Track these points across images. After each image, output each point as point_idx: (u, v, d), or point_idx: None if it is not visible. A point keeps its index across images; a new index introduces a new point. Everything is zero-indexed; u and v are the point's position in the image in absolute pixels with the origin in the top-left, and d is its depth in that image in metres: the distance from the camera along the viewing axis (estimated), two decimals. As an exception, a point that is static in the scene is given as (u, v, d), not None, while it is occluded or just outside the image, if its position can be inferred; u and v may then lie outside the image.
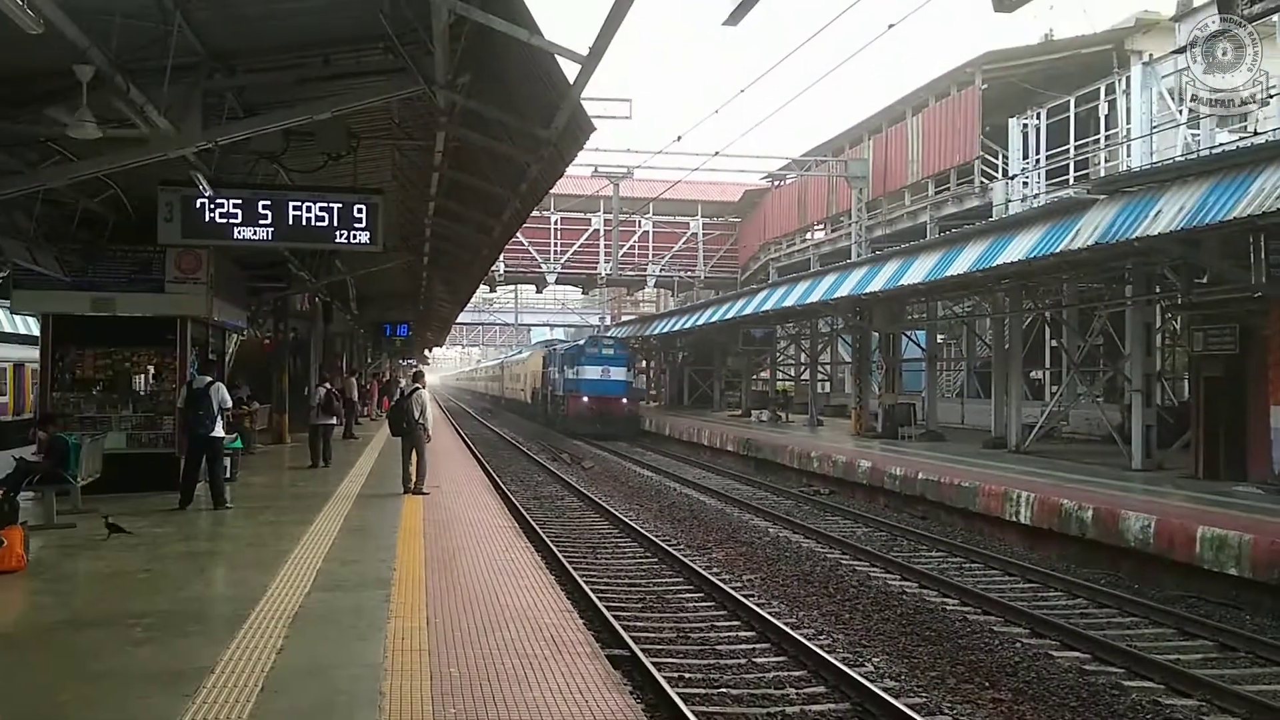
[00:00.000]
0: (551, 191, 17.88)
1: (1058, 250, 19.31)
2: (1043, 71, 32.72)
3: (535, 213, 22.27)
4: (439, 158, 14.94)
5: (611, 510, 20.73)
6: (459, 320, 60.76)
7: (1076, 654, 10.99)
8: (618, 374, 44.57)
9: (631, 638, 10.71)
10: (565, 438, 42.85)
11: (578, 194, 48.82)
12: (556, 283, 56.89)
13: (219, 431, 14.72)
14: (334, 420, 21.47)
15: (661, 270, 55.86)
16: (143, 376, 16.50)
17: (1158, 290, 22.95)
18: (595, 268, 54.41)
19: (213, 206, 13.31)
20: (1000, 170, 32.86)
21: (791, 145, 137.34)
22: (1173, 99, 27.00)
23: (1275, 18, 20.42)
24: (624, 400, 44.72)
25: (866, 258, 32.95)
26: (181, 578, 10.21)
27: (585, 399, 43.59)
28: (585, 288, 62.36)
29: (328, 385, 22.05)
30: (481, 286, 46.17)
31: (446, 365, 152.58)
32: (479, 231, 20.77)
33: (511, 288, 63.31)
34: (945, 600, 13.54)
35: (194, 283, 16.27)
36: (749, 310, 37.48)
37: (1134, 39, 30.15)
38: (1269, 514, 14.93)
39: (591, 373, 43.95)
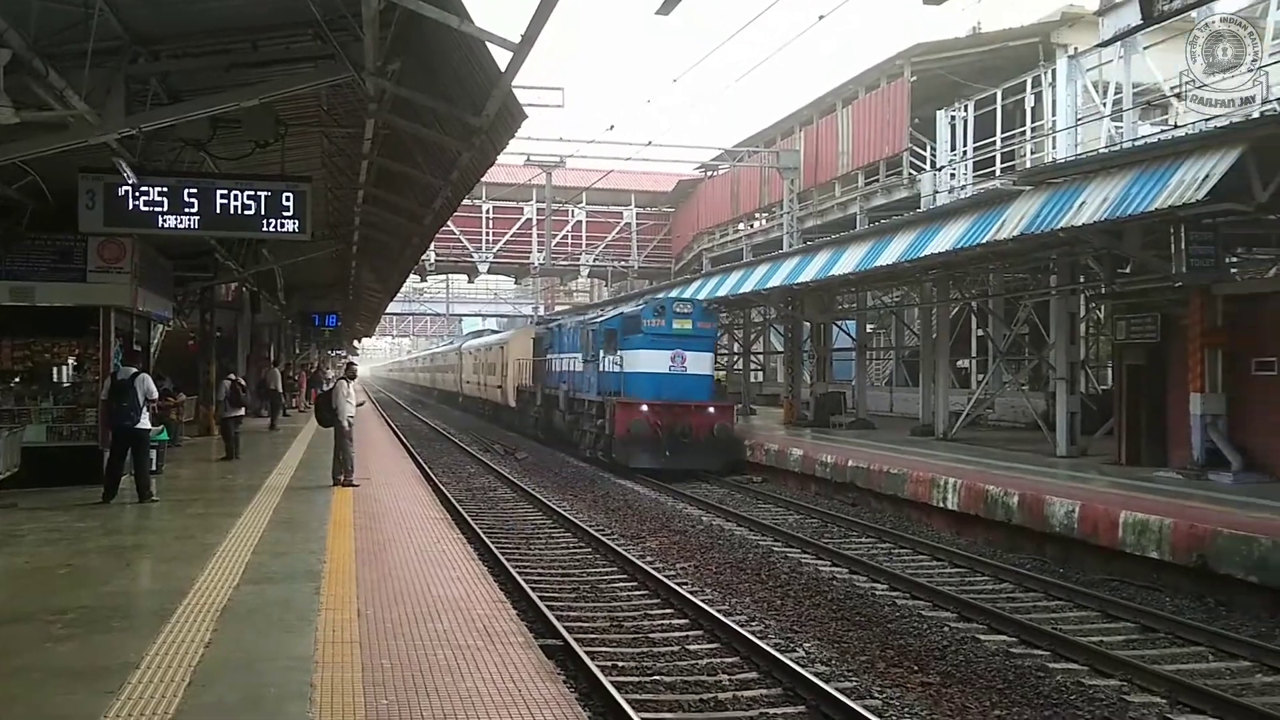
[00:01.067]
0: (483, 180, 17.76)
1: (984, 241, 19.61)
2: (971, 64, 33.13)
3: (467, 201, 22.13)
4: (368, 145, 14.78)
5: (545, 501, 20.68)
6: (389, 310, 60.17)
7: (1003, 637, 11.19)
8: (699, 363, 26.78)
9: (565, 627, 10.72)
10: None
11: (510, 183, 48.56)
12: (489, 272, 56.46)
13: (144, 423, 14.45)
14: (242, 412, 21.29)
15: (595, 260, 55.75)
16: (64, 368, 16.16)
17: (1082, 280, 23.37)
18: (528, 257, 54.17)
19: (137, 194, 13.04)
20: (929, 162, 33.24)
21: (724, 136, 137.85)
22: (1097, 91, 27.49)
23: (1193, 13, 20.82)
24: (710, 410, 26.32)
25: (798, 248, 33.18)
26: (105, 572, 10.01)
27: (644, 408, 25.47)
28: (518, 277, 62.11)
29: (232, 377, 21.90)
30: (412, 276, 45.56)
31: (377, 355, 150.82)
32: (409, 220, 20.58)
33: (443, 277, 62.76)
34: (875, 585, 13.71)
35: (117, 272, 15.96)
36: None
37: (1059, 32, 30.59)
38: (1188, 499, 15.31)
39: (653, 361, 26.21)
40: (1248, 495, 15.57)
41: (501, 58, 9.70)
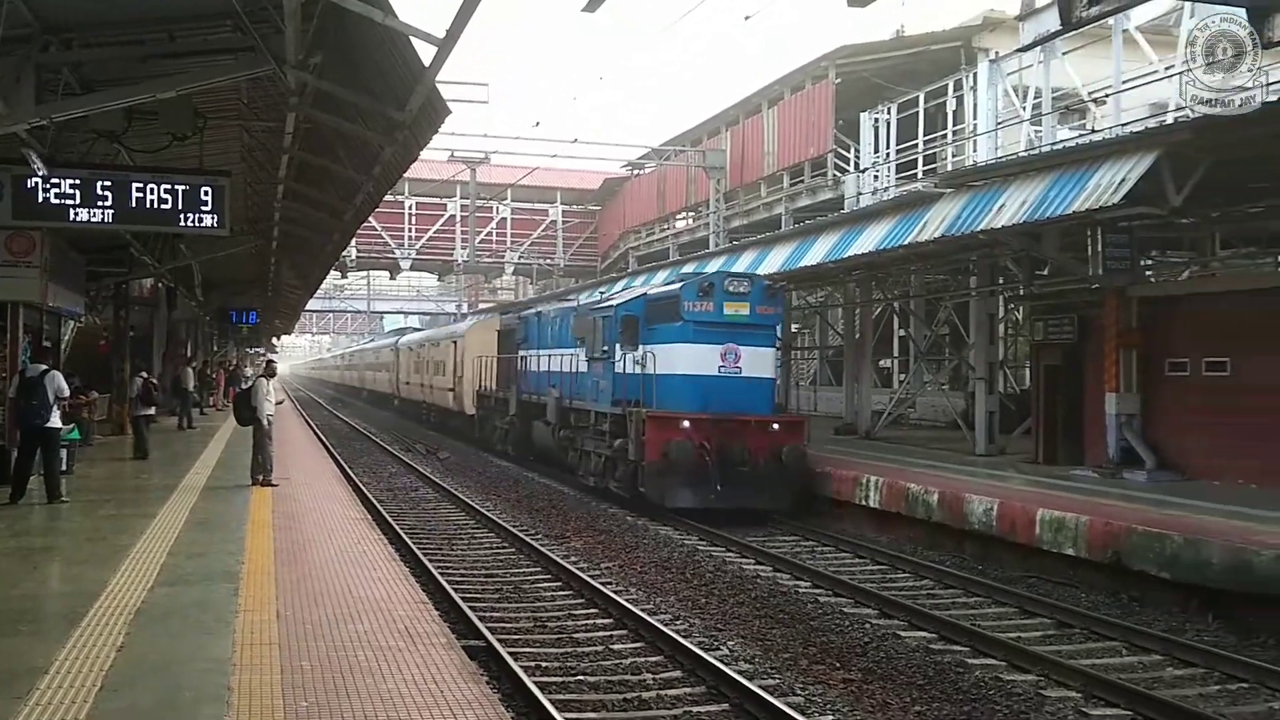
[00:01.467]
0: (406, 175, 17.62)
1: (906, 242, 19.86)
2: (894, 67, 33.45)
3: (389, 197, 21.91)
4: (289, 139, 14.55)
5: (468, 501, 20.51)
6: (309, 307, 59.33)
7: (923, 634, 11.33)
8: (757, 362, 19.96)
9: (488, 628, 10.64)
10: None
11: (434, 179, 48.09)
12: (411, 269, 55.91)
13: (55, 422, 14.06)
14: (153, 410, 20.90)
15: (520, 257, 55.50)
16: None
17: (1001, 281, 23.76)
18: (451, 254, 53.76)
19: (47, 186, 12.69)
20: (852, 164, 33.56)
21: (652, 134, 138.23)
22: (1017, 96, 27.94)
23: (1110, 20, 21.32)
24: (774, 426, 19.59)
25: (724, 248, 33.33)
26: (12, 575, 9.71)
27: (685, 425, 18.84)
28: (441, 274, 61.56)
29: (144, 374, 21.49)
30: (333, 272, 44.90)
31: (296, 353, 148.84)
32: (330, 215, 20.31)
33: (364, 274, 62.00)
34: (798, 583, 13.81)
35: (26, 266, 15.50)
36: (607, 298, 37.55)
37: (981, 37, 31.00)
38: (1103, 496, 15.64)
39: (697, 359, 19.58)
40: (1161, 493, 15.93)
41: (426, 52, 9.59)
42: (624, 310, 21.22)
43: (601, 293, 27.69)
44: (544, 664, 9.88)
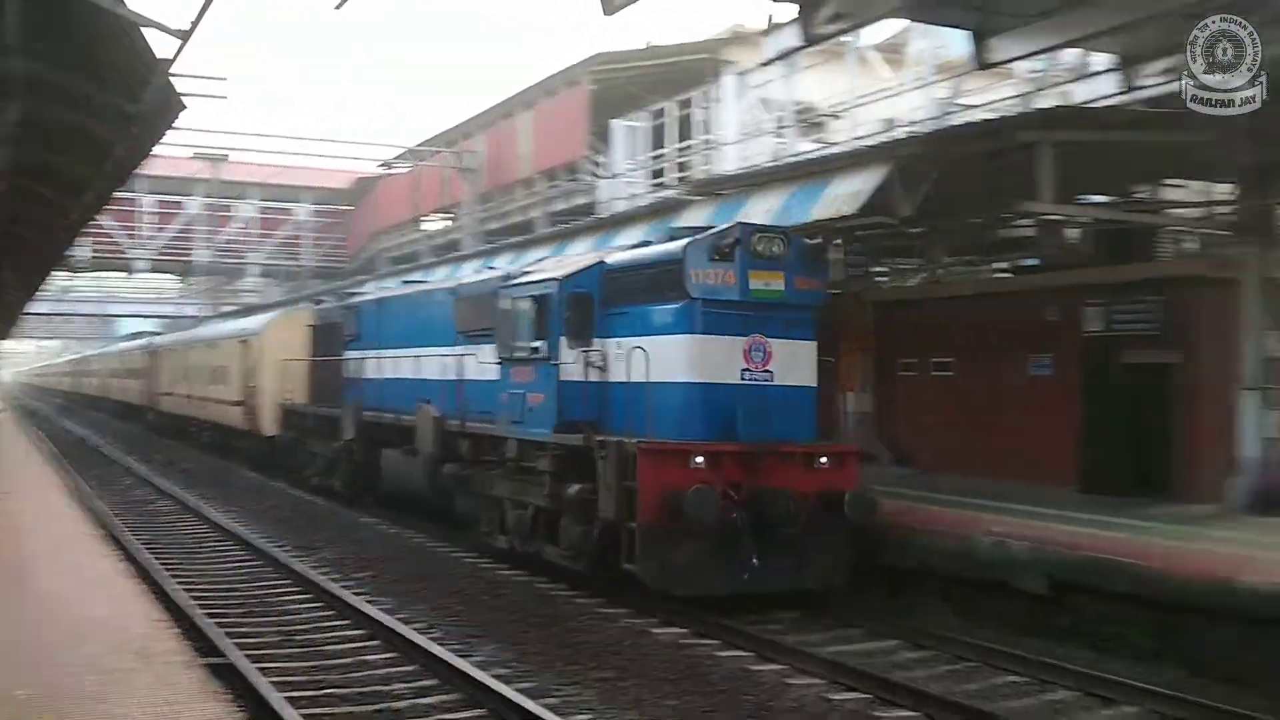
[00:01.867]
0: (143, 172, 16.75)
1: (658, 247, 20.22)
2: (649, 76, 34.04)
3: (125, 194, 20.77)
4: (8, 131, 13.56)
5: (209, 514, 19.61)
6: (35, 310, 55.49)
7: (675, 630, 11.61)
8: (794, 363, 13.28)
9: (233, 644, 10.21)
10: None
11: (173, 175, 45.82)
12: (150, 270, 53.13)
13: None
14: None
15: (266, 258, 53.60)
16: None
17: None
18: (191, 255, 51.38)
19: None
20: (607, 169, 33.97)
21: (407, 134, 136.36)
22: (765, 108, 28.95)
23: (847, 37, 22.41)
24: (821, 460, 12.91)
25: (480, 249, 33.13)
26: None
27: (699, 461, 12.03)
28: (182, 276, 58.75)
29: None
30: (63, 274, 42.07)
31: (20, 359, 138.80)
32: (56, 213, 19.05)
33: (96, 275, 58.42)
34: (554, 586, 13.86)
35: None
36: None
37: (728, 50, 31.93)
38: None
39: (708, 357, 12.61)
40: (893, 486, 16.81)
41: (164, 43, 9.15)
42: (572, 286, 14.15)
43: (490, 267, 21.38)
44: (292, 679, 9.55)
